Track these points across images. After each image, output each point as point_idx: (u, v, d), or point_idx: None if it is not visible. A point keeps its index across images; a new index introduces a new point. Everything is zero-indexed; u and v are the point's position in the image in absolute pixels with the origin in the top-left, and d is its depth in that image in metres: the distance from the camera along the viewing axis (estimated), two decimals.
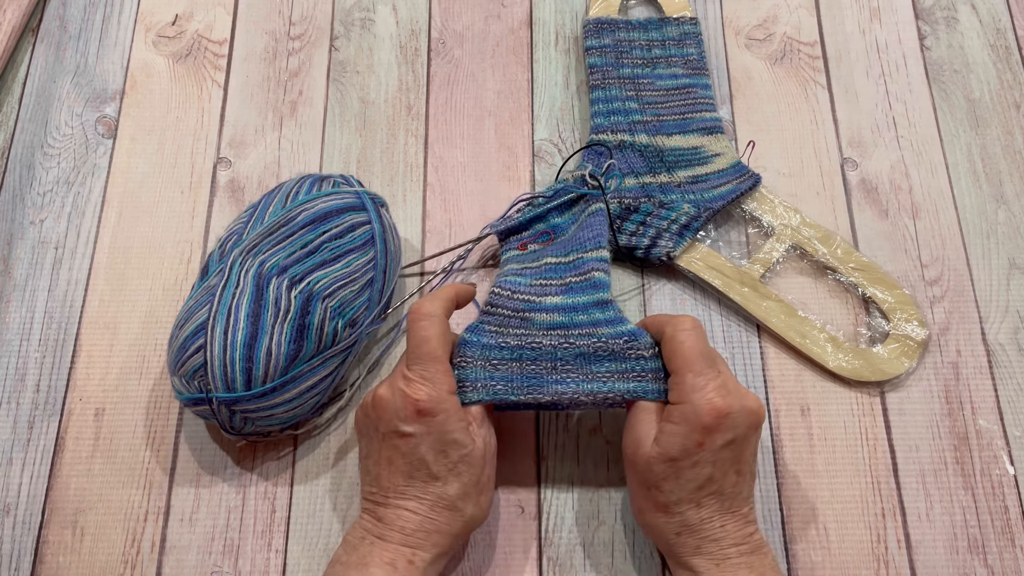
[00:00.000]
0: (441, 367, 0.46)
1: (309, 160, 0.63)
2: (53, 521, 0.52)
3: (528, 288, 0.52)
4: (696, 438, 0.44)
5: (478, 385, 0.48)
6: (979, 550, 0.52)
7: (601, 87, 0.64)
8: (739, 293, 0.57)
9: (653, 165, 0.62)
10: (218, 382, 0.47)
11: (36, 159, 0.63)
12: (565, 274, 0.53)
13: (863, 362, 0.55)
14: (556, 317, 0.50)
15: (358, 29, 0.69)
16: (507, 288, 0.52)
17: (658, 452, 0.45)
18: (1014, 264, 0.60)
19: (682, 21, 0.67)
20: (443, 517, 0.45)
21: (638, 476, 0.46)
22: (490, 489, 0.48)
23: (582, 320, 0.50)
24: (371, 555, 0.44)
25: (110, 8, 0.69)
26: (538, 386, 0.48)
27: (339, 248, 0.51)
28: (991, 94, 0.66)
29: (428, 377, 0.46)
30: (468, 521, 0.47)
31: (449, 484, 0.45)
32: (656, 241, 0.58)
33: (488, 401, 0.48)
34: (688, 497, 0.45)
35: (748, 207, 0.61)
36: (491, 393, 0.48)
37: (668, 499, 0.45)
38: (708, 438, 0.44)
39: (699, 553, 0.45)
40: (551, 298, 0.51)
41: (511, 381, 0.48)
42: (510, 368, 0.48)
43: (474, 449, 0.46)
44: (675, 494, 0.45)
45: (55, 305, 0.58)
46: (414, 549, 0.45)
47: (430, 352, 0.46)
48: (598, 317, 0.50)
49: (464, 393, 0.47)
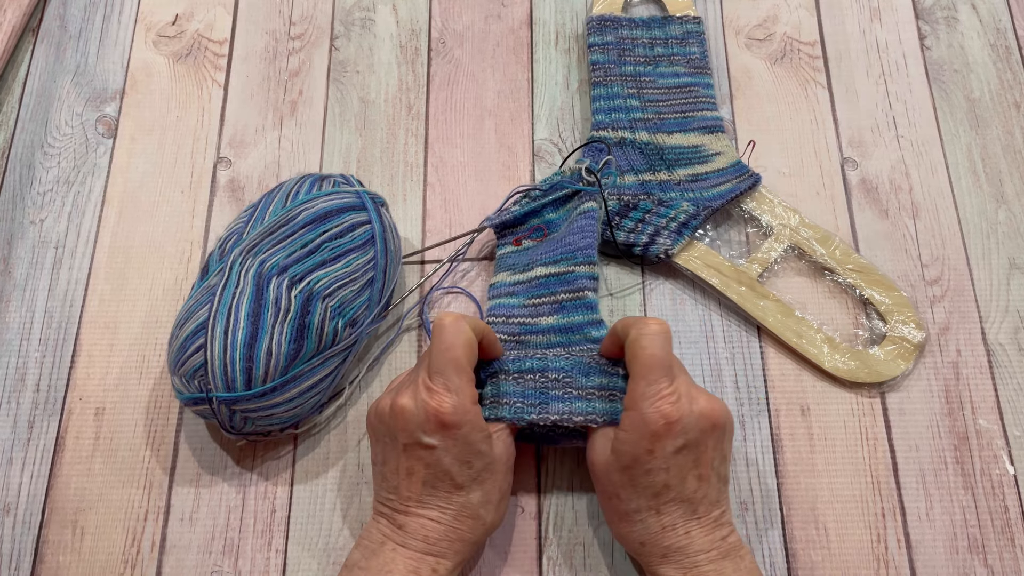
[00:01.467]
0: (465, 377, 0.45)
1: (309, 160, 0.63)
2: (53, 521, 0.52)
3: (521, 310, 0.53)
4: (645, 445, 0.43)
5: (502, 401, 0.48)
6: (979, 550, 0.52)
7: (603, 84, 0.64)
8: (736, 292, 0.57)
9: (653, 163, 0.62)
10: (218, 382, 0.47)
11: (36, 159, 0.63)
12: (557, 290, 0.53)
13: (859, 363, 0.55)
14: (553, 338, 0.51)
15: (358, 29, 0.69)
16: (501, 314, 0.53)
17: (612, 460, 0.45)
18: (1014, 264, 0.59)
19: (685, 20, 0.67)
20: (466, 526, 0.45)
21: (599, 485, 0.47)
22: (508, 494, 0.48)
23: (579, 339, 0.51)
24: (393, 562, 0.44)
25: (110, 8, 0.69)
26: (544, 404, 0.48)
27: (339, 248, 0.51)
28: (991, 94, 0.66)
29: (452, 388, 0.44)
30: (489, 528, 0.47)
31: (472, 493, 0.45)
32: (654, 238, 0.58)
33: (509, 420, 0.48)
34: (647, 504, 0.44)
35: (747, 206, 0.61)
36: (514, 412, 0.48)
37: (627, 507, 0.45)
38: (657, 444, 0.43)
39: (666, 562, 0.44)
40: (545, 319, 0.52)
41: (526, 397, 0.48)
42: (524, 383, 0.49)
43: (496, 458, 0.46)
44: (633, 502, 0.45)
45: (55, 305, 0.58)
46: (438, 558, 0.44)
47: (455, 360, 0.44)
48: (594, 335, 0.51)
49: (486, 408, 0.48)
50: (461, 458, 0.45)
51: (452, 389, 0.44)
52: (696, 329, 0.58)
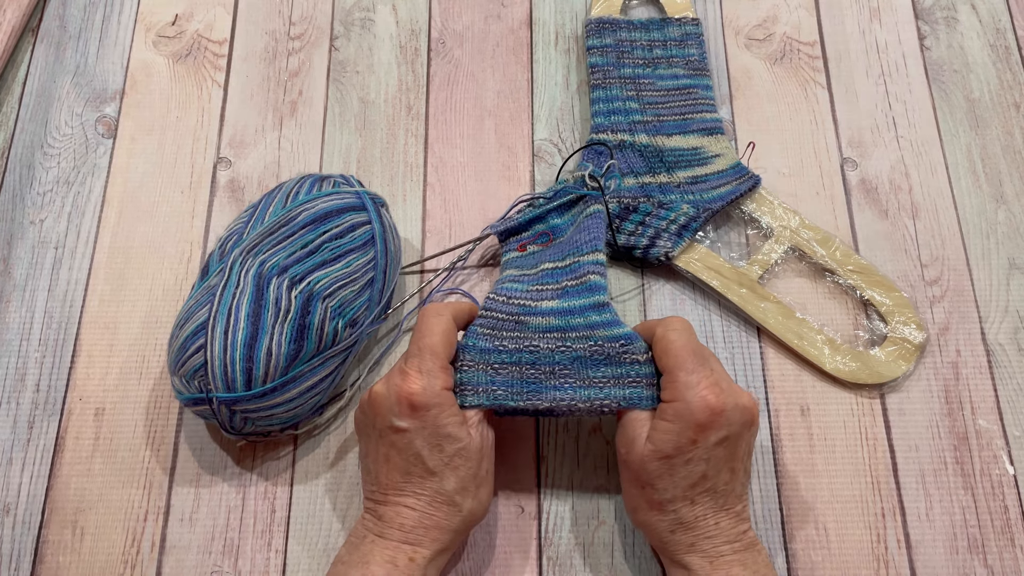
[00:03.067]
0: (438, 362, 0.46)
1: (309, 160, 0.63)
2: (53, 521, 0.52)
3: (524, 293, 0.52)
4: (690, 435, 0.44)
5: (479, 389, 0.48)
6: (979, 550, 0.52)
7: (602, 87, 0.64)
8: (737, 294, 0.57)
9: (653, 165, 0.62)
10: (218, 382, 0.47)
11: (36, 159, 0.63)
12: (561, 278, 0.53)
13: (860, 364, 0.55)
14: (552, 320, 0.50)
15: (358, 29, 0.69)
16: (503, 294, 0.52)
17: (651, 450, 0.45)
18: (1014, 264, 0.60)
19: (684, 22, 0.67)
20: (441, 512, 0.45)
21: (632, 475, 0.46)
22: (489, 483, 0.48)
23: (578, 323, 0.50)
24: (372, 553, 0.44)
25: (110, 8, 0.69)
26: (536, 391, 0.48)
27: (339, 248, 0.51)
28: (991, 94, 0.66)
29: (424, 370, 0.46)
30: (467, 516, 0.46)
31: (446, 479, 0.45)
32: (655, 241, 0.58)
33: (488, 406, 0.48)
34: (682, 495, 0.45)
35: (747, 208, 0.61)
36: (491, 398, 0.48)
37: (662, 497, 0.45)
38: (702, 435, 0.44)
39: (693, 551, 0.45)
40: (546, 302, 0.51)
41: (511, 386, 0.48)
42: (510, 372, 0.48)
43: (470, 443, 0.46)
44: (669, 492, 0.45)
45: (55, 305, 0.58)
46: (414, 546, 0.45)
47: (430, 346, 0.46)
48: (594, 319, 0.50)
49: (464, 396, 0.47)
50: (432, 441, 0.45)
51: (424, 371, 0.45)
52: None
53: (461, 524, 0.46)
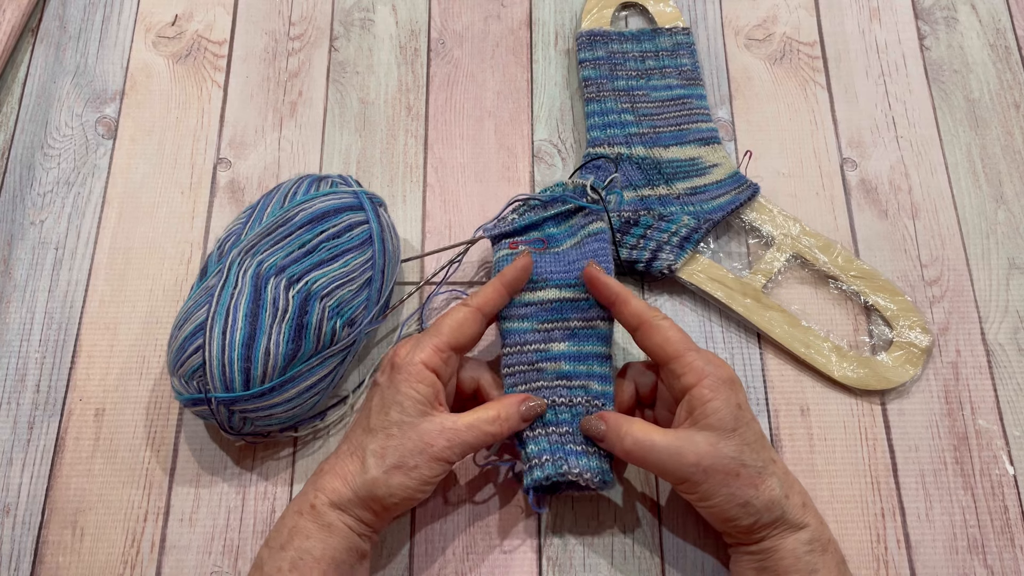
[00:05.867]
0: (435, 341, 0.47)
1: (309, 161, 0.63)
2: (53, 521, 0.52)
3: (534, 335, 0.51)
4: (733, 399, 0.45)
5: (544, 459, 0.48)
6: (979, 550, 0.52)
7: (596, 100, 0.64)
8: (742, 304, 0.57)
9: (651, 177, 0.61)
10: (216, 382, 0.47)
11: (36, 159, 0.63)
12: (570, 316, 0.52)
13: (868, 371, 0.55)
14: (562, 366, 0.50)
15: (358, 29, 0.69)
16: (516, 343, 0.51)
17: (716, 435, 0.44)
18: (1014, 264, 0.59)
19: (675, 31, 0.67)
20: (349, 462, 0.46)
21: (715, 478, 0.44)
22: (410, 479, 0.45)
23: (581, 371, 0.50)
24: (289, 507, 0.46)
25: (110, 8, 0.69)
26: (564, 458, 0.48)
27: (337, 248, 0.51)
28: (991, 94, 0.66)
29: (420, 343, 0.47)
30: (369, 483, 0.44)
31: (374, 439, 0.45)
32: (657, 254, 0.57)
33: (555, 477, 0.47)
34: (768, 456, 0.45)
35: (748, 217, 0.60)
36: (557, 467, 0.47)
37: (754, 468, 0.44)
38: (739, 393, 0.46)
39: (807, 509, 0.45)
40: (556, 345, 0.51)
41: (553, 453, 0.48)
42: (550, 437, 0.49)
43: (417, 426, 0.45)
44: (759, 458, 0.44)
45: (55, 305, 0.58)
46: (317, 491, 0.45)
47: (436, 325, 0.48)
48: (595, 370, 0.50)
49: (531, 471, 0.48)
50: (385, 401, 0.46)
51: (418, 343, 0.47)
52: (696, 330, 0.58)
53: (363, 488, 0.44)
